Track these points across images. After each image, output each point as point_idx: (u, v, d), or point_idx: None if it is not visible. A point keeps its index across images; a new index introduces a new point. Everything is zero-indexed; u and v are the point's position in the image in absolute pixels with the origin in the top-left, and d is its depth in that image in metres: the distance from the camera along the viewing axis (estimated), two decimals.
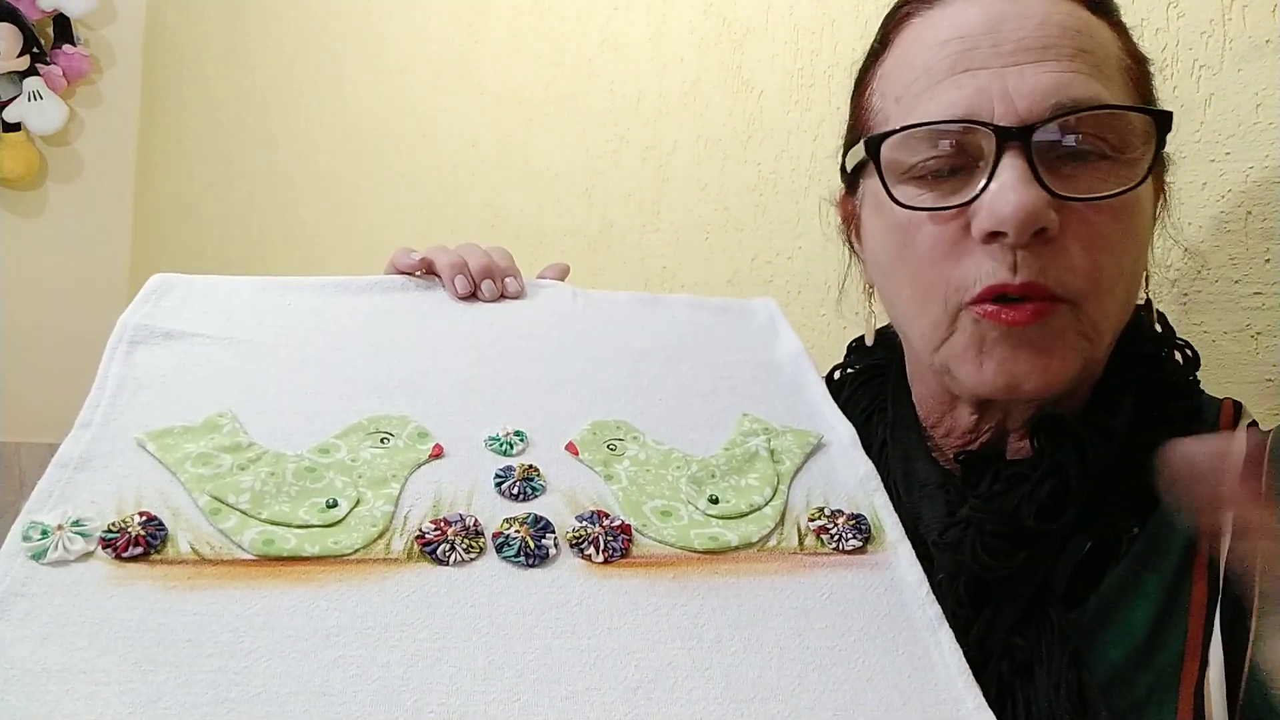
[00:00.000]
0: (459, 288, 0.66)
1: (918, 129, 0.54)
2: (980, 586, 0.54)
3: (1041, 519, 0.53)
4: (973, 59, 0.54)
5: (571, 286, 0.70)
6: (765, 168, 1.06)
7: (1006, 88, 0.52)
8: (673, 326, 0.67)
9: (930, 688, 0.44)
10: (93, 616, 0.41)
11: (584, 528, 0.49)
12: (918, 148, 0.55)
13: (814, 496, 0.54)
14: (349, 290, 0.65)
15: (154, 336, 0.57)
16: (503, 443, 0.54)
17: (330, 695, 0.40)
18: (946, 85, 0.54)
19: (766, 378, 0.63)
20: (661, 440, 0.56)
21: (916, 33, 0.57)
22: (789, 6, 1.04)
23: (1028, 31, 0.53)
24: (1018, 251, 0.52)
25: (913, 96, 0.56)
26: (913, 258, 0.56)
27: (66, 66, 2.25)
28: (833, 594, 0.48)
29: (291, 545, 0.46)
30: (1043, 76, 0.52)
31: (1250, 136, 0.68)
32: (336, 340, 0.60)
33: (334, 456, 0.51)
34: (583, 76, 1.30)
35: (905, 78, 0.57)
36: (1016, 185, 0.51)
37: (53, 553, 0.43)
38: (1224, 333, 0.69)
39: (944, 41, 0.55)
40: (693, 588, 0.47)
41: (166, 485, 0.48)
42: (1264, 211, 0.67)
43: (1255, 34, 0.68)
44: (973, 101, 0.53)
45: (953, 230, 0.54)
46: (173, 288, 0.63)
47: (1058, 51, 0.53)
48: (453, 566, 0.46)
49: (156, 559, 0.44)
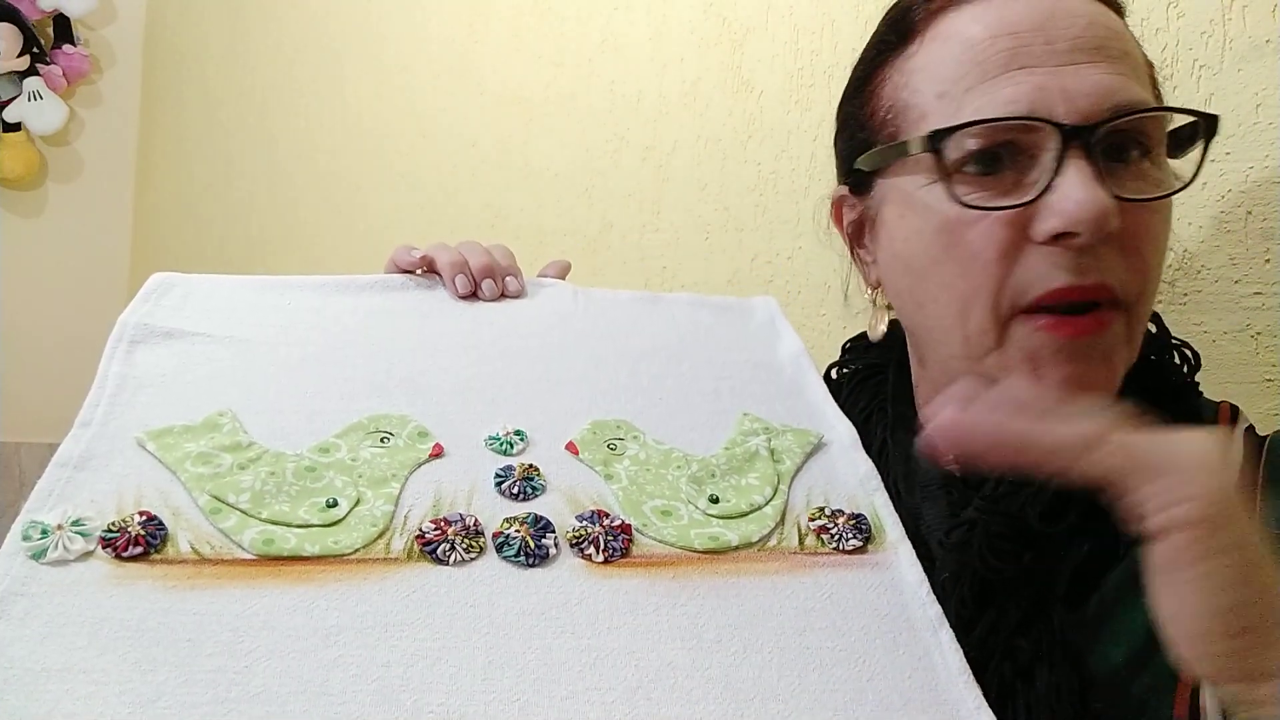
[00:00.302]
0: (460, 287, 0.66)
1: (981, 125, 0.52)
2: (984, 587, 0.54)
3: (1047, 520, 0.53)
4: (1028, 56, 0.52)
5: (572, 285, 0.70)
6: (765, 168, 1.06)
7: (1065, 86, 0.51)
8: (673, 326, 0.67)
9: (930, 688, 0.44)
10: (92, 616, 0.41)
11: (584, 527, 0.49)
12: (969, 145, 0.53)
13: (814, 496, 0.54)
14: (349, 289, 0.65)
15: (154, 335, 0.57)
16: (503, 442, 0.54)
17: (330, 695, 0.40)
18: (1002, 81, 0.52)
19: (767, 377, 0.63)
20: (662, 440, 0.56)
21: (956, 26, 0.55)
22: (789, 6, 1.04)
23: (1080, 31, 0.52)
24: (1082, 255, 0.51)
25: (961, 93, 0.53)
26: (961, 259, 0.54)
27: (66, 66, 2.25)
28: (833, 594, 0.48)
29: (292, 545, 0.46)
30: (1101, 77, 0.51)
31: (1250, 136, 0.68)
32: (337, 339, 0.60)
33: (334, 456, 0.51)
34: (583, 76, 1.30)
35: (949, 73, 0.54)
36: (1087, 184, 0.50)
37: (53, 552, 0.43)
38: (1224, 333, 0.69)
39: (994, 37, 0.53)
40: (693, 587, 0.47)
41: (166, 484, 0.48)
42: (1264, 211, 0.67)
43: (1255, 34, 0.68)
44: (1035, 98, 0.51)
45: (1010, 231, 0.52)
46: (173, 287, 0.63)
47: (1107, 53, 0.52)
48: (453, 566, 0.46)
49: (156, 558, 0.44)
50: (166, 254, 2.29)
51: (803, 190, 1.01)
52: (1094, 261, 0.51)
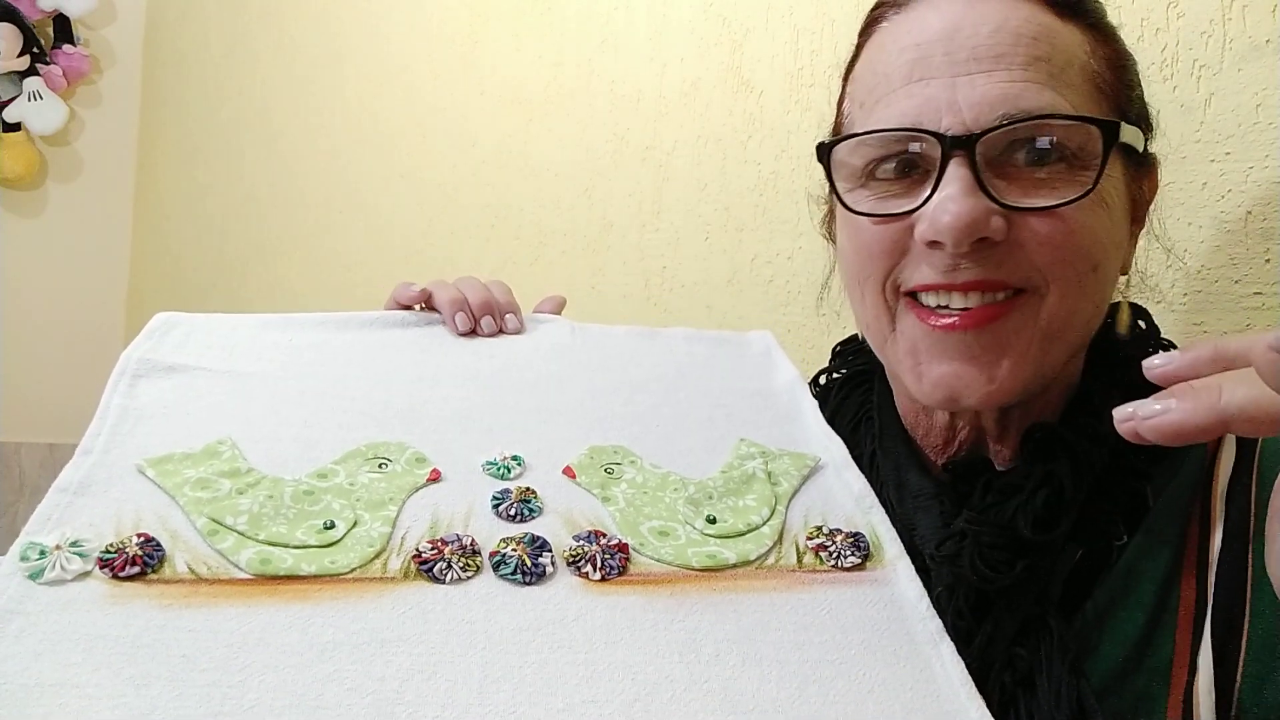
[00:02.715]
0: (459, 324, 0.67)
1: (867, 136, 0.56)
2: (980, 598, 0.54)
3: (1038, 529, 0.53)
4: (927, 68, 0.54)
5: (570, 321, 0.71)
6: (765, 168, 1.05)
7: (956, 98, 0.53)
8: (670, 357, 0.67)
9: (933, 699, 0.44)
10: (88, 633, 0.41)
11: (581, 546, 0.49)
12: (868, 154, 0.56)
13: (812, 516, 0.54)
14: (350, 326, 0.66)
15: (156, 370, 0.58)
16: (500, 467, 0.54)
17: (324, 709, 0.39)
18: (900, 94, 0.55)
19: (763, 405, 0.63)
20: (659, 464, 0.56)
21: (881, 39, 0.59)
22: (789, 6, 1.04)
23: (981, 39, 0.53)
24: (961, 259, 0.52)
25: (873, 103, 0.57)
26: (858, 251, 0.58)
27: (66, 66, 2.25)
28: (832, 609, 0.47)
29: (288, 564, 0.46)
30: (992, 87, 0.52)
31: (1250, 136, 0.68)
32: (337, 372, 0.61)
33: (332, 481, 0.52)
34: (583, 76, 1.30)
35: (869, 84, 0.58)
36: (957, 196, 0.51)
37: (50, 572, 0.43)
38: (1224, 333, 0.69)
39: (902, 49, 0.56)
40: (690, 604, 0.47)
41: (165, 509, 0.48)
42: (1264, 211, 0.67)
43: (1255, 34, 0.68)
44: (922, 110, 0.54)
45: (898, 232, 0.55)
46: (176, 326, 0.63)
47: (1009, 60, 0.53)
48: (449, 584, 0.46)
49: (153, 578, 0.44)
50: (166, 254, 2.29)
51: (803, 190, 1.01)
52: (972, 265, 0.52)
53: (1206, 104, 0.70)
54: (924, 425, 0.63)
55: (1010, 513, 0.54)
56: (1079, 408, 0.57)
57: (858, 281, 0.59)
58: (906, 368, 0.56)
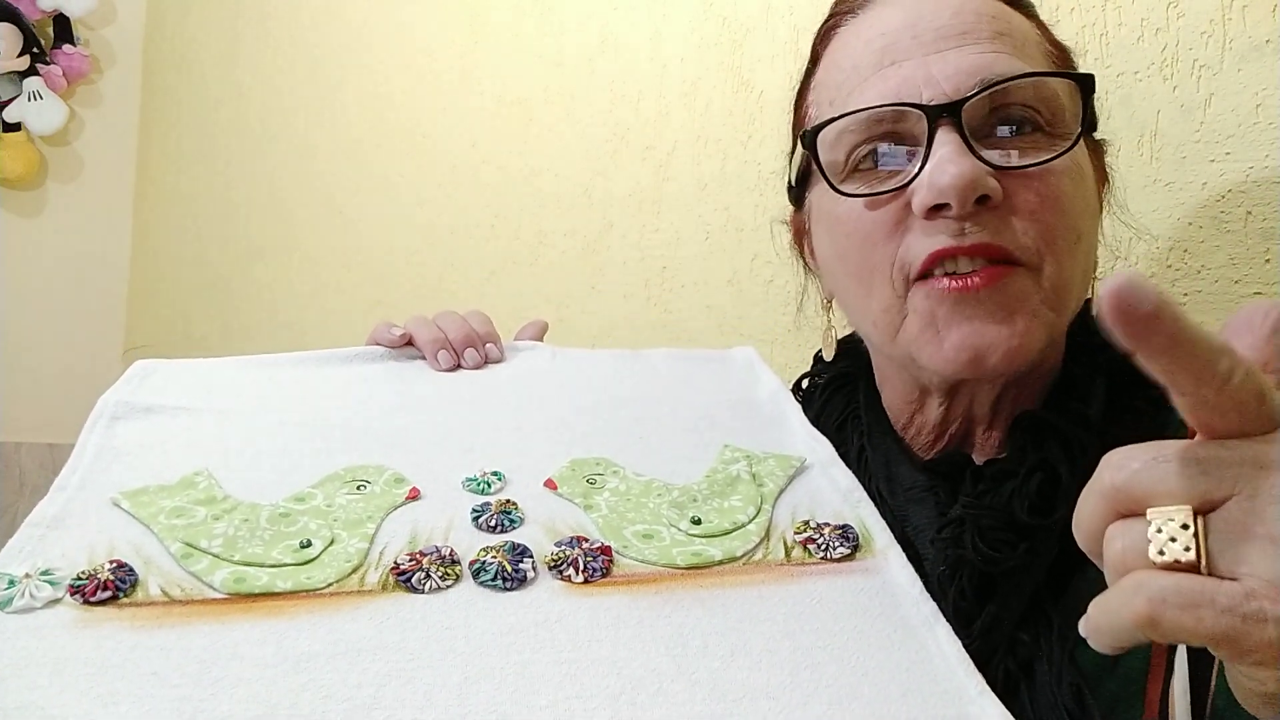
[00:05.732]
0: (442, 363, 0.67)
1: (849, 117, 0.56)
2: (983, 580, 0.54)
3: (1034, 514, 0.53)
4: (896, 52, 0.56)
5: (551, 346, 0.72)
6: (765, 168, 1.05)
7: (931, 73, 0.54)
8: (654, 375, 0.68)
9: (930, 678, 0.43)
10: (56, 656, 0.40)
11: (562, 551, 0.48)
12: (852, 140, 0.56)
13: (799, 512, 0.53)
14: (330, 362, 0.66)
15: (135, 412, 0.58)
16: (480, 483, 0.54)
17: (299, 717, 0.39)
18: (873, 80, 0.56)
19: (747, 413, 0.63)
20: (642, 473, 0.56)
21: (842, 40, 0.60)
22: (789, 6, 1.04)
23: (944, 21, 0.55)
24: (964, 222, 0.53)
25: (844, 96, 0.57)
26: (857, 246, 0.57)
27: (66, 66, 2.25)
28: (822, 599, 0.47)
29: (263, 582, 0.45)
30: (965, 59, 0.54)
31: (1250, 136, 0.68)
32: (315, 405, 0.61)
33: (309, 504, 0.51)
34: (583, 76, 1.30)
35: (837, 80, 0.59)
36: (953, 157, 0.52)
37: (19, 600, 0.42)
38: None
39: (868, 40, 0.57)
40: (676, 600, 0.46)
41: (139, 538, 0.47)
42: (1264, 211, 0.67)
43: (1255, 34, 0.68)
44: (900, 89, 0.55)
45: (893, 212, 0.55)
46: (154, 371, 0.63)
47: (976, 35, 0.55)
48: (428, 594, 0.45)
49: (125, 602, 0.43)
50: (166, 254, 2.29)
51: None
52: (976, 226, 0.53)
53: (1206, 104, 0.70)
54: (916, 424, 0.63)
55: (1006, 497, 0.54)
56: (1065, 394, 0.57)
57: (861, 277, 0.58)
58: (925, 341, 0.55)
